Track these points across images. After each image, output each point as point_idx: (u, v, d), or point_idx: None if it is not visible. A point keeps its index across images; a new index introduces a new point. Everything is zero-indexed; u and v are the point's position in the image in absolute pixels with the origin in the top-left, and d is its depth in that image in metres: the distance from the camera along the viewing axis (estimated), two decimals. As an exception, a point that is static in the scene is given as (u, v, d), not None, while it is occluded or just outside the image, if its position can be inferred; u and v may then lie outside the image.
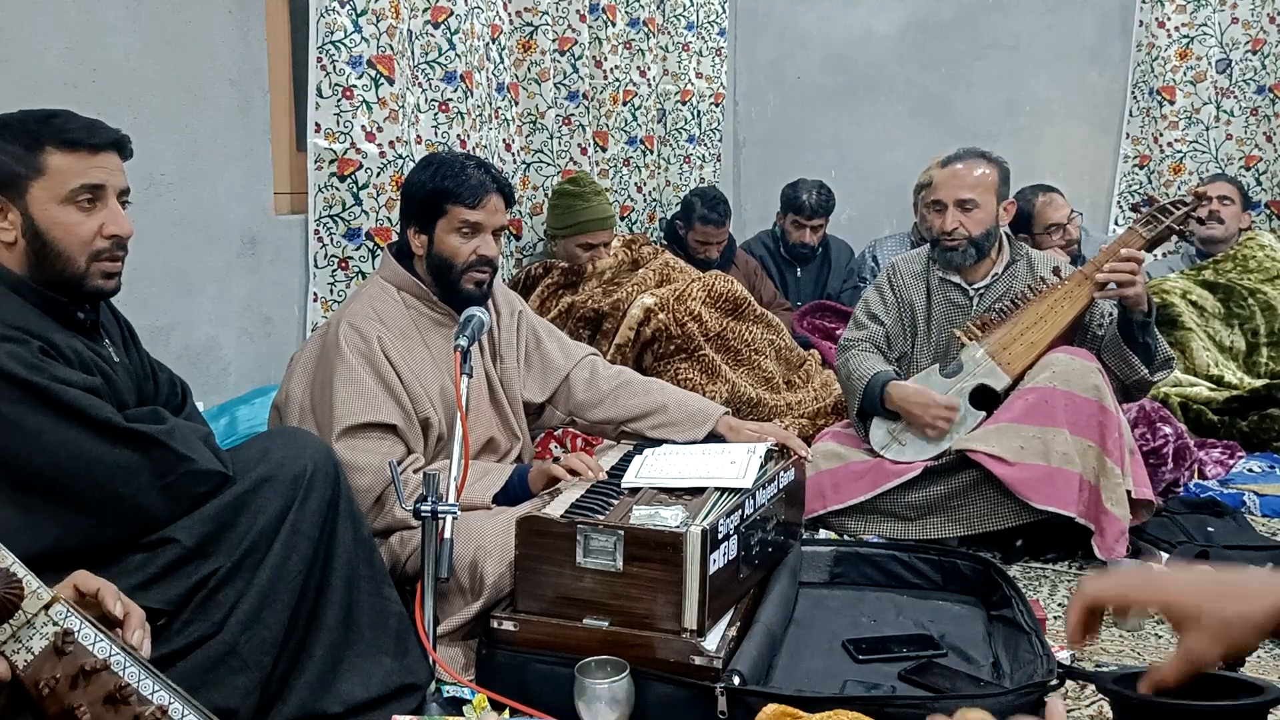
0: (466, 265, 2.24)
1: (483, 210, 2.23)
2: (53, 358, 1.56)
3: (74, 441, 1.53)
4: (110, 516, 1.58)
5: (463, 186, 2.21)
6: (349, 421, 2.07)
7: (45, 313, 1.61)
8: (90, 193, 1.61)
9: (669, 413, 2.41)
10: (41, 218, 1.59)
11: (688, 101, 4.61)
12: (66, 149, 1.59)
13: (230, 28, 2.65)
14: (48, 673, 1.00)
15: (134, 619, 1.18)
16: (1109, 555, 2.53)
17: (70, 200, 1.59)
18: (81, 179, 1.60)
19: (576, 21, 3.88)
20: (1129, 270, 2.65)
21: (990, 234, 2.88)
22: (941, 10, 4.98)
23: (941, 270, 2.95)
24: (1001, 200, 2.91)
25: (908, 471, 2.75)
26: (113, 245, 1.64)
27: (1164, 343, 2.82)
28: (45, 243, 1.59)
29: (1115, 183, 4.79)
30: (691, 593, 1.81)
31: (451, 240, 2.23)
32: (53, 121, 1.60)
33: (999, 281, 2.92)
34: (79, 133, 1.60)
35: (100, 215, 1.62)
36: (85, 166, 1.60)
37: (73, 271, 1.61)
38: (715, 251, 4.17)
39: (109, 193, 1.63)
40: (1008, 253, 2.95)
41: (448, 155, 2.33)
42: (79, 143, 1.60)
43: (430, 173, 2.24)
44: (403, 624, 1.86)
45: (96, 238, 1.62)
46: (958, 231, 2.86)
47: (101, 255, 1.63)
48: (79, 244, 1.61)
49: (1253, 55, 4.49)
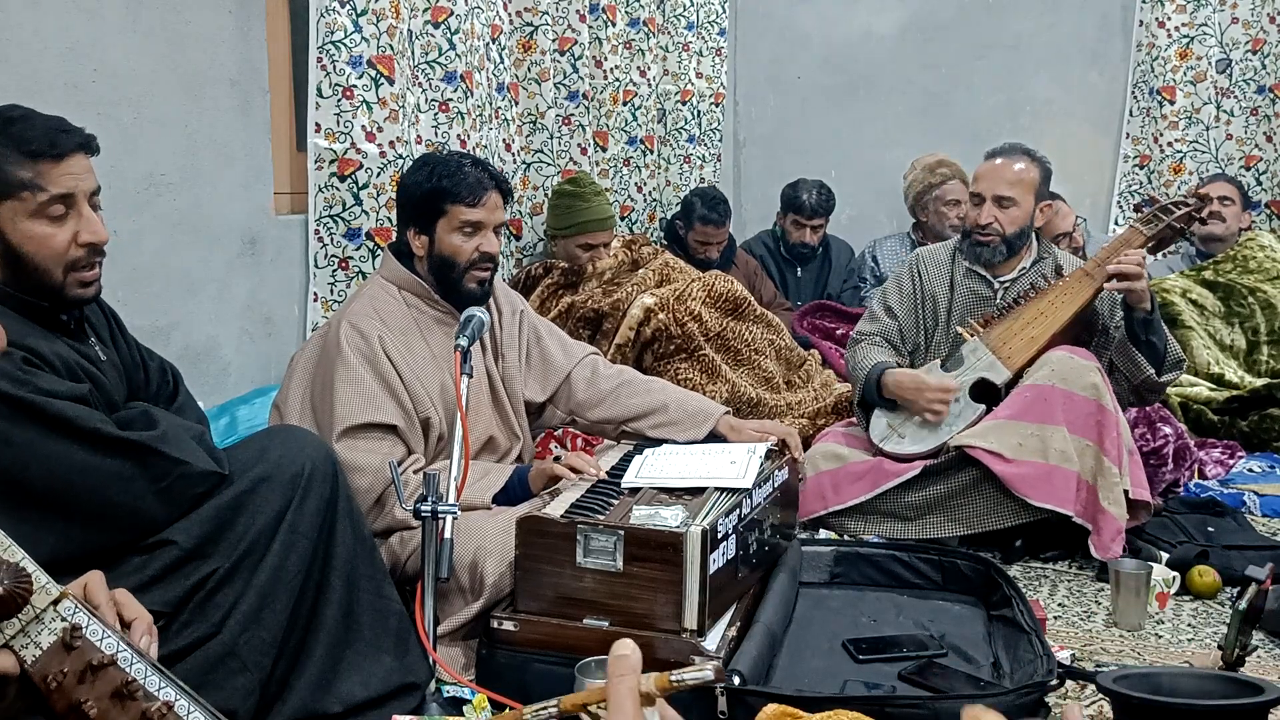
0: (469, 263, 2.24)
1: (483, 208, 2.23)
2: (38, 367, 1.53)
3: (65, 453, 1.51)
4: (107, 523, 1.57)
5: (461, 185, 2.21)
6: (350, 422, 2.07)
7: (27, 319, 1.58)
8: (61, 203, 1.55)
9: (669, 412, 2.41)
10: (12, 233, 1.54)
11: (688, 101, 4.61)
12: (30, 160, 1.52)
13: (230, 28, 2.65)
14: (55, 668, 1.00)
15: (140, 625, 1.18)
16: (1105, 555, 2.53)
17: (40, 214, 1.54)
18: (48, 191, 1.54)
19: (576, 21, 3.88)
20: (1135, 261, 2.65)
21: (1024, 233, 2.87)
22: (941, 10, 4.98)
23: (969, 261, 2.94)
24: (1040, 200, 2.89)
25: (907, 471, 2.75)
26: (89, 253, 1.60)
27: (1174, 343, 2.81)
28: (19, 257, 1.55)
29: (1115, 183, 4.79)
30: (691, 593, 1.81)
31: (453, 239, 2.23)
32: (10, 130, 1.53)
33: (1025, 276, 2.91)
34: (40, 143, 1.53)
35: (72, 224, 1.57)
36: (52, 176, 1.54)
37: (50, 283, 1.58)
38: (715, 251, 4.17)
39: (80, 199, 1.58)
40: (1035, 249, 2.95)
41: (442, 155, 2.32)
42: (42, 154, 1.53)
43: (427, 173, 2.24)
44: (403, 623, 1.86)
45: (71, 247, 1.57)
46: (992, 227, 2.84)
47: (79, 265, 1.59)
48: (53, 256, 1.56)
49: (1253, 55, 4.49)
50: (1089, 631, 2.32)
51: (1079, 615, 2.41)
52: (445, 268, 2.25)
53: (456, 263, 2.24)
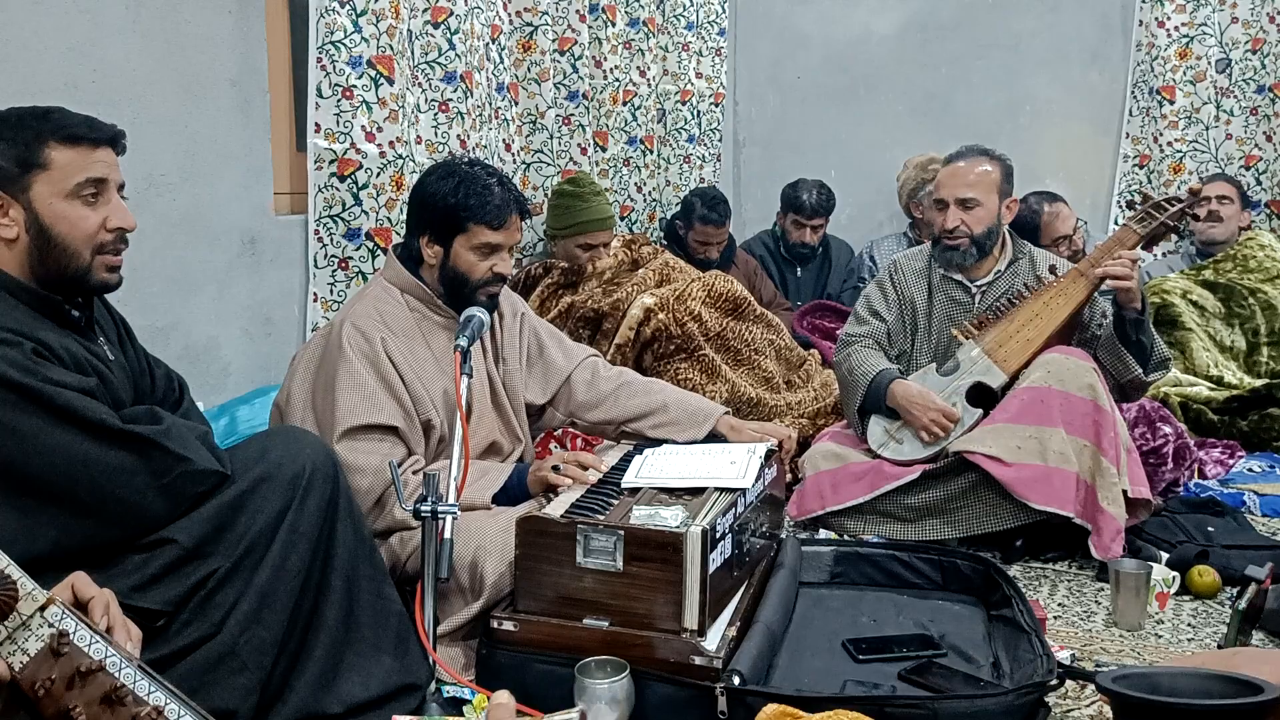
0: (483, 282, 2.24)
1: (504, 231, 2.23)
2: (47, 359, 1.55)
3: (70, 444, 1.53)
4: (108, 518, 1.58)
5: (487, 206, 2.19)
6: (351, 423, 2.07)
7: (38, 313, 1.61)
8: (94, 186, 1.62)
9: (669, 412, 2.42)
10: (46, 212, 1.60)
11: (688, 101, 4.61)
12: (69, 144, 1.60)
13: (230, 28, 2.65)
14: (44, 674, 1.00)
15: (120, 634, 1.17)
16: (1105, 555, 2.53)
17: (75, 194, 1.61)
18: (85, 173, 1.61)
19: (576, 21, 3.88)
20: (1126, 261, 2.67)
21: (992, 232, 2.88)
22: (941, 10, 4.98)
23: (943, 268, 2.95)
24: (1004, 198, 2.90)
25: (906, 474, 2.75)
26: (116, 238, 1.66)
27: (1160, 343, 2.82)
28: (49, 237, 1.60)
29: (1115, 183, 4.78)
30: (691, 593, 1.81)
31: (469, 257, 2.23)
32: (51, 117, 1.61)
33: (1001, 279, 2.92)
34: (79, 128, 1.62)
35: (104, 209, 1.64)
36: (88, 161, 1.62)
37: (77, 265, 1.62)
38: (715, 251, 4.17)
39: (110, 186, 1.65)
40: (1010, 250, 2.95)
41: (468, 168, 2.25)
42: (81, 137, 1.61)
43: (452, 185, 2.20)
44: (403, 624, 1.86)
45: (101, 230, 1.63)
46: (959, 230, 2.86)
47: (105, 248, 1.64)
48: (84, 237, 1.62)
49: (1253, 55, 4.49)
50: (1089, 631, 2.32)
51: (1079, 615, 2.41)
52: (457, 283, 2.25)
53: (470, 280, 2.24)
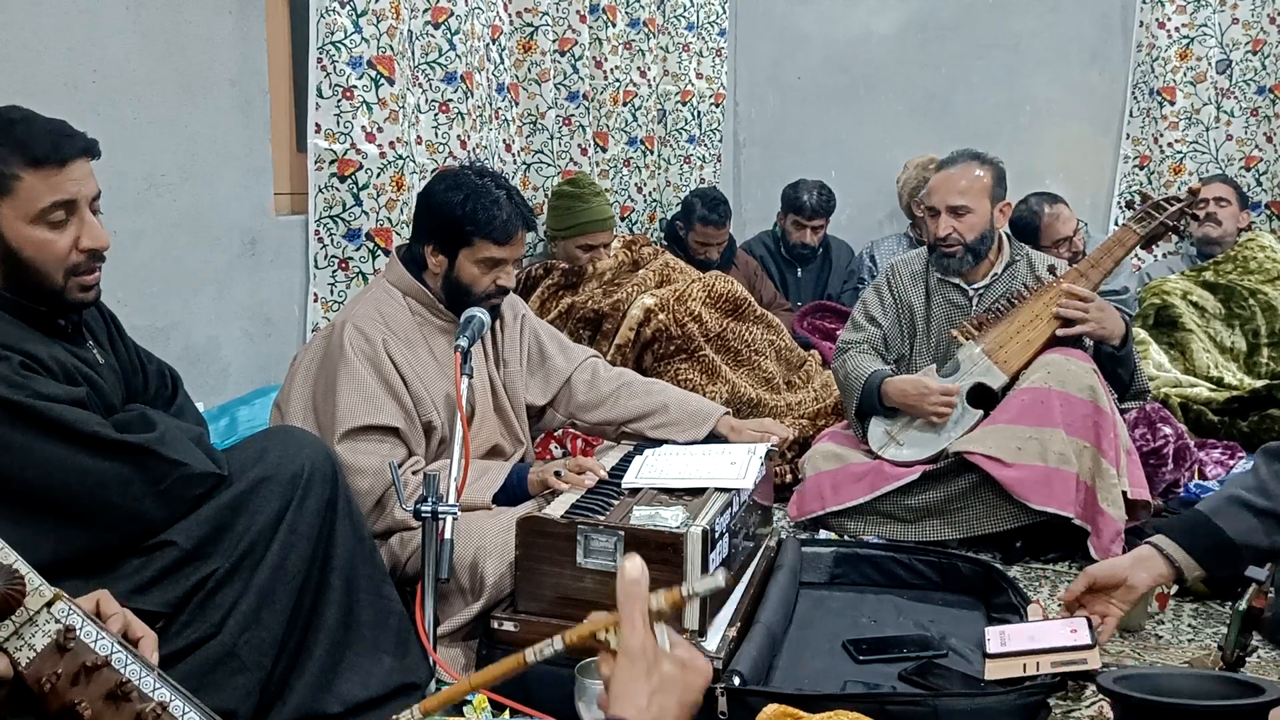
0: (485, 294, 2.25)
1: (509, 247, 2.23)
2: (35, 371, 1.53)
3: (63, 457, 1.51)
4: (106, 526, 1.57)
5: (495, 222, 2.19)
6: (351, 423, 2.07)
7: (24, 323, 1.58)
8: (63, 209, 1.55)
9: (670, 413, 2.42)
10: (14, 237, 1.53)
11: (688, 102, 4.61)
12: (32, 167, 1.51)
13: (230, 28, 2.65)
14: (49, 669, 1.00)
15: (147, 645, 1.17)
16: (1104, 556, 2.52)
17: (41, 220, 1.53)
18: (52, 195, 1.53)
19: (576, 22, 3.88)
20: (1077, 310, 2.68)
21: (986, 237, 2.88)
22: (941, 10, 4.98)
23: (940, 273, 2.95)
24: (997, 202, 2.90)
25: (906, 475, 2.75)
26: (89, 258, 1.59)
27: (1143, 377, 2.85)
28: (19, 261, 1.54)
29: (1115, 183, 4.78)
30: (692, 593, 1.81)
31: (473, 270, 2.23)
32: (14, 132, 1.52)
33: (999, 282, 2.92)
34: (43, 147, 1.52)
35: (74, 229, 1.57)
36: (55, 182, 1.53)
37: (50, 287, 1.57)
38: (715, 252, 4.17)
39: (81, 205, 1.57)
40: (1007, 253, 2.95)
41: (478, 179, 2.23)
42: (44, 159, 1.52)
43: (461, 198, 2.19)
44: (403, 624, 1.86)
45: (72, 253, 1.57)
46: (952, 237, 2.86)
47: (79, 270, 1.58)
48: (54, 261, 1.56)
49: (1253, 55, 4.49)
50: (1089, 632, 2.32)
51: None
52: (460, 293, 2.25)
53: (472, 291, 2.24)
